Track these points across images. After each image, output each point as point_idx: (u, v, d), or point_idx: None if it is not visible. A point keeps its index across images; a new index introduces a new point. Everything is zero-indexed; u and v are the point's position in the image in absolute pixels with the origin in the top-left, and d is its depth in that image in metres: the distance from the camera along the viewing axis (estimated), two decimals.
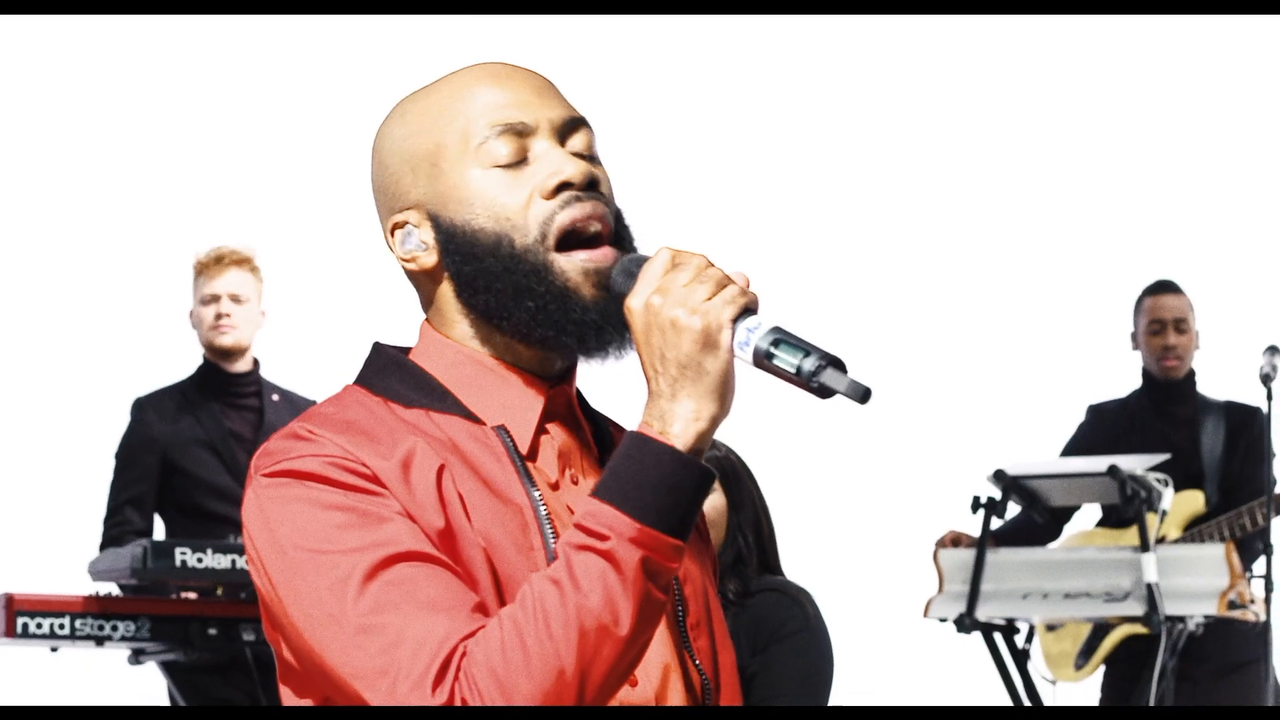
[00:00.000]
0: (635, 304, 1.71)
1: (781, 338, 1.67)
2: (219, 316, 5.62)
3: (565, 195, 1.79)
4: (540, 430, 1.83)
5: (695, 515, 1.69)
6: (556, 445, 1.84)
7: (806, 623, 3.71)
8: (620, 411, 1.96)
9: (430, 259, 1.83)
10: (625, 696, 1.76)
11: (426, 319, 1.87)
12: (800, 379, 1.66)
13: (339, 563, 1.69)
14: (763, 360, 1.67)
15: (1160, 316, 6.00)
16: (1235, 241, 7.54)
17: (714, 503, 3.74)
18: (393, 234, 1.85)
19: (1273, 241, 7.54)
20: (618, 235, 1.82)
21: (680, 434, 1.67)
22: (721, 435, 1.77)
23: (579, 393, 1.89)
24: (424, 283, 1.86)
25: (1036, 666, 5.72)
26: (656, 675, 1.80)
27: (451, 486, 1.75)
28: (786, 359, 1.66)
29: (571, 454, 1.84)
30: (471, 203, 1.80)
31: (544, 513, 1.77)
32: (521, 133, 1.81)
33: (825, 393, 1.65)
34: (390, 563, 1.68)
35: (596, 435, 1.89)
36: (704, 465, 1.69)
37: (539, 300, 1.77)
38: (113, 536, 5.52)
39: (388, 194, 1.86)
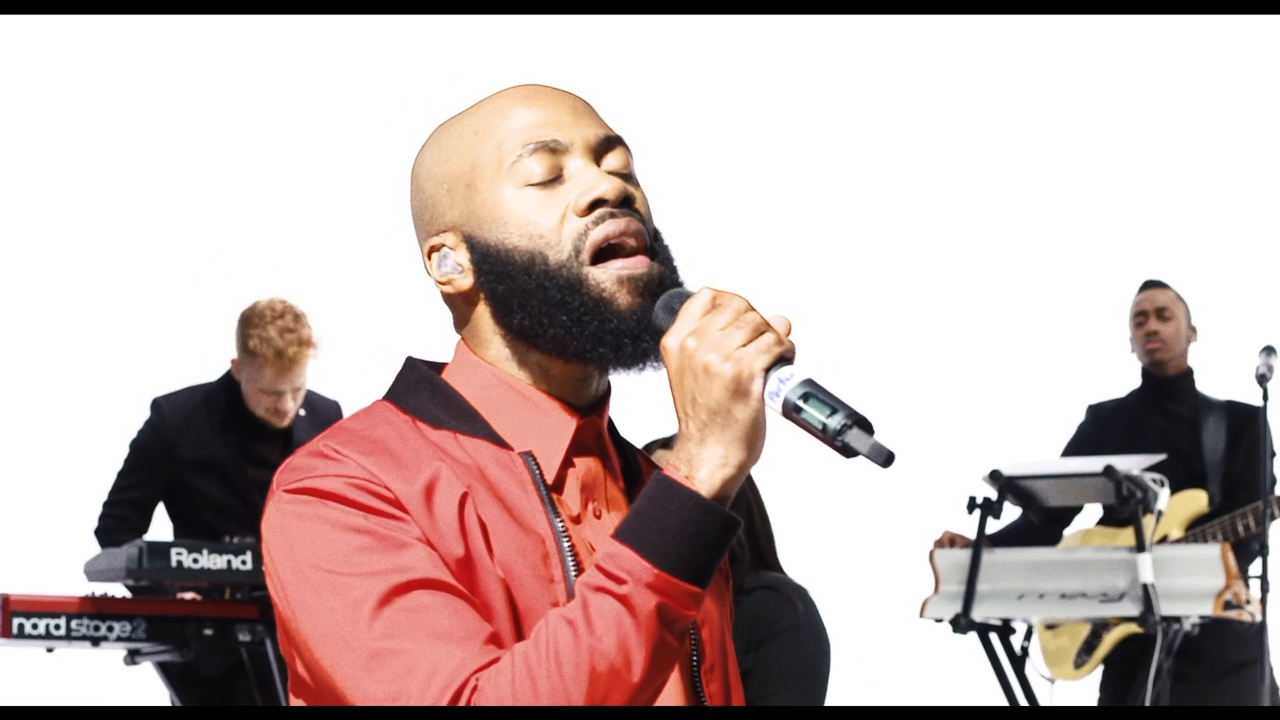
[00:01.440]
0: (671, 344, 1.69)
1: (811, 392, 1.67)
2: (279, 412, 5.52)
3: (599, 212, 1.78)
4: (567, 462, 1.81)
5: (717, 562, 1.68)
6: (581, 478, 1.82)
7: (798, 619, 3.70)
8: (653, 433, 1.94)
9: (466, 281, 1.82)
10: None
11: (462, 338, 1.86)
12: (825, 436, 1.66)
13: (355, 586, 1.68)
14: (790, 413, 1.67)
15: (1143, 308, 6.09)
16: (1233, 242, 7.54)
17: None
18: (429, 257, 1.84)
19: (1271, 241, 7.55)
20: (653, 251, 1.80)
21: (706, 479, 1.66)
22: None
23: (610, 422, 1.88)
24: (460, 305, 1.85)
25: (1035, 664, 5.71)
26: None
27: (473, 514, 1.73)
28: (813, 414, 1.66)
29: (595, 487, 1.83)
30: (505, 222, 1.79)
31: (567, 545, 1.76)
32: (555, 150, 1.80)
33: (848, 452, 1.66)
34: (406, 589, 1.67)
35: (624, 467, 1.87)
36: (728, 513, 1.68)
37: (573, 314, 1.76)
38: (107, 527, 5.52)
39: (425, 217, 1.85)
